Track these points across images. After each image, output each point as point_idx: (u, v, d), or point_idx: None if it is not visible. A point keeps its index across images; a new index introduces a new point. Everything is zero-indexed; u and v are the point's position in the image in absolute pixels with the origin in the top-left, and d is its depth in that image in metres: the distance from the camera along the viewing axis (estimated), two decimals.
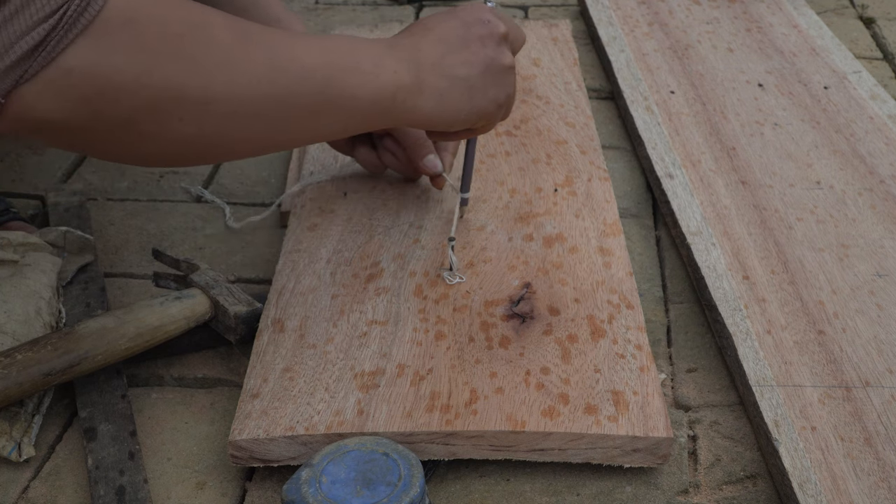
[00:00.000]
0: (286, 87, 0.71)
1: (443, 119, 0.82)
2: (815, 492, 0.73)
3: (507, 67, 0.83)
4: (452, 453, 0.76)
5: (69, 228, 0.98)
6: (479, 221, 0.99)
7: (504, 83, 0.84)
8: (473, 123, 0.85)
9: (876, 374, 0.84)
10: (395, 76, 0.77)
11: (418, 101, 0.79)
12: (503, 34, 0.83)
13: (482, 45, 0.82)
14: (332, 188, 1.05)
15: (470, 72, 0.81)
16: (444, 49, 0.81)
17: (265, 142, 0.75)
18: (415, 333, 0.85)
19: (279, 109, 0.72)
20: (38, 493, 0.77)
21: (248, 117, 0.70)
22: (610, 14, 1.57)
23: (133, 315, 0.82)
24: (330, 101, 0.74)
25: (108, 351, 0.81)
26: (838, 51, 1.43)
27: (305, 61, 0.73)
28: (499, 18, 0.84)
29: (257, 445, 0.75)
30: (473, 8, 0.84)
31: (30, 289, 0.87)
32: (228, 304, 0.86)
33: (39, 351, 0.77)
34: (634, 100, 1.29)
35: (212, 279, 0.88)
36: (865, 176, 1.12)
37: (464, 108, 0.82)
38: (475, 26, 0.82)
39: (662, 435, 0.75)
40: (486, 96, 0.83)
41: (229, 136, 0.71)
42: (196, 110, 0.67)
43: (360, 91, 0.75)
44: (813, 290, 0.94)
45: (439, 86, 0.80)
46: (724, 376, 0.90)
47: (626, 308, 0.88)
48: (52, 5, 0.59)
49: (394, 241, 0.97)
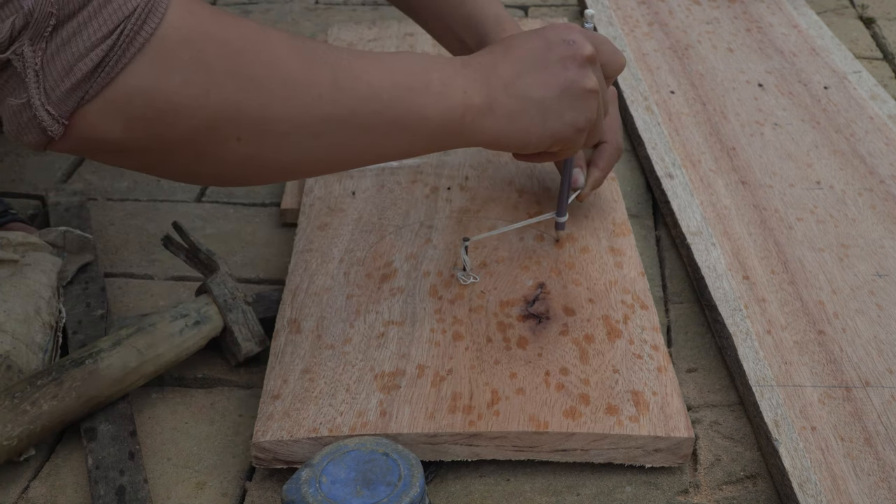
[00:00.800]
0: (349, 108, 0.69)
1: (512, 140, 0.79)
2: (815, 492, 0.73)
3: (588, 91, 0.80)
4: (475, 454, 0.77)
5: (68, 228, 0.98)
6: (489, 222, 1.00)
7: (584, 107, 0.80)
8: (548, 146, 0.82)
9: (876, 374, 0.84)
10: (464, 96, 0.75)
11: (487, 122, 0.77)
12: (587, 56, 0.79)
13: (562, 66, 0.79)
14: (340, 187, 1.05)
15: (545, 94, 0.78)
16: (521, 68, 0.78)
17: (327, 162, 0.73)
18: (432, 334, 0.85)
19: (341, 130, 0.70)
20: (38, 493, 0.77)
21: (309, 138, 0.68)
22: (610, 14, 1.57)
23: (154, 351, 0.82)
24: (395, 122, 0.72)
25: (125, 390, 0.82)
26: (838, 51, 1.43)
27: (371, 81, 0.70)
28: (587, 39, 0.81)
29: (281, 447, 0.75)
30: (561, 27, 0.81)
31: (29, 288, 0.87)
32: (241, 339, 0.86)
33: (64, 399, 0.77)
34: (634, 100, 1.29)
35: (230, 295, 0.87)
36: (865, 176, 1.12)
37: (535, 130, 0.79)
38: (558, 47, 0.79)
39: (684, 435, 0.76)
40: (562, 119, 0.79)
41: (289, 156, 0.69)
42: (255, 130, 0.65)
43: (427, 111, 0.73)
44: (813, 290, 0.94)
45: (511, 107, 0.78)
46: (724, 376, 0.90)
47: (641, 308, 0.89)
48: (109, 25, 0.58)
49: (405, 240, 0.97)
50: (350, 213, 1.01)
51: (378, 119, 0.71)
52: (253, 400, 0.86)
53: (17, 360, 0.81)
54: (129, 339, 0.82)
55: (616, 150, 0.98)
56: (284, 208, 1.09)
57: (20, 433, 0.75)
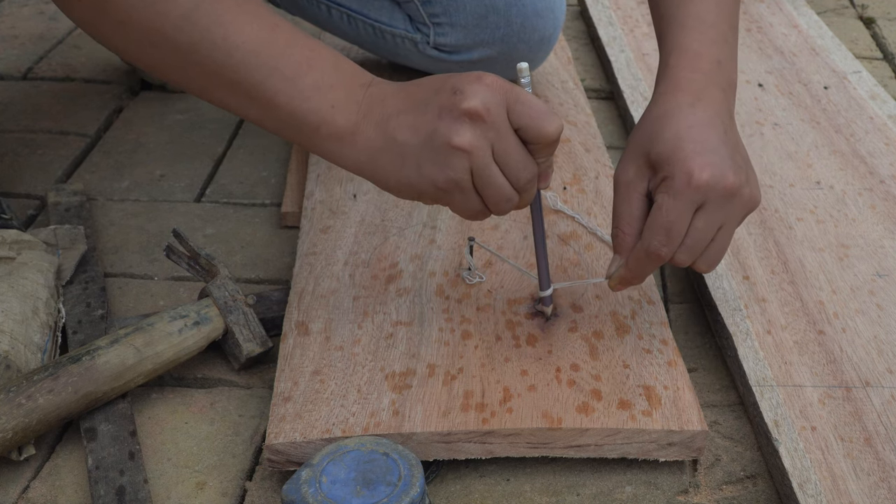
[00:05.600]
0: (190, 42, 0.71)
1: (373, 178, 0.75)
2: (815, 492, 0.73)
3: (452, 147, 0.70)
4: (489, 451, 0.77)
5: (58, 225, 0.98)
6: (492, 220, 1.00)
7: (445, 164, 0.71)
8: (411, 196, 0.75)
9: (876, 374, 0.84)
10: (329, 111, 0.73)
11: (346, 149, 0.74)
12: (466, 110, 0.70)
13: (437, 115, 0.71)
14: (341, 190, 1.05)
15: (409, 139, 0.72)
16: (403, 108, 0.73)
17: (162, 73, 0.75)
18: (441, 333, 0.85)
19: (176, 56, 0.72)
20: (38, 493, 0.77)
21: (143, 41, 0.72)
22: (610, 14, 1.57)
23: (152, 349, 0.82)
24: (238, 84, 0.72)
25: (124, 388, 0.82)
26: (838, 51, 1.43)
27: (232, 36, 0.71)
28: (486, 95, 0.70)
29: (294, 448, 0.75)
30: (471, 77, 0.72)
31: (26, 290, 0.87)
32: (242, 340, 0.86)
33: (60, 393, 0.77)
34: (634, 100, 1.29)
35: (230, 297, 0.87)
36: (865, 176, 1.12)
37: (392, 174, 0.74)
38: (443, 94, 0.71)
39: (697, 428, 0.76)
40: (420, 171, 0.72)
41: (122, 44, 0.74)
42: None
43: (279, 99, 0.73)
44: (813, 290, 0.94)
45: (374, 142, 0.73)
46: (724, 376, 0.90)
47: (647, 303, 0.89)
48: None
49: (409, 241, 0.97)
50: (352, 215, 1.01)
51: (219, 68, 0.72)
52: (253, 400, 0.86)
53: (16, 360, 0.81)
54: (128, 338, 0.82)
55: (650, 253, 0.78)
56: (285, 211, 1.09)
57: (15, 426, 0.75)
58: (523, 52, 1.18)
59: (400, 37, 1.22)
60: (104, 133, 1.30)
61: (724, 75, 0.82)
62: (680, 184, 0.75)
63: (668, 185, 0.76)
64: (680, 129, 0.77)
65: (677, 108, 0.78)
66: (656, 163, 0.77)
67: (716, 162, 0.75)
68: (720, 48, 0.82)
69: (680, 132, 0.77)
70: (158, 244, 1.06)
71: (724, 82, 0.82)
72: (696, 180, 0.74)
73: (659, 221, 0.76)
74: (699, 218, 0.76)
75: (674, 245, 0.76)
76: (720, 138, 0.77)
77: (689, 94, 0.79)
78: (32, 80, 1.44)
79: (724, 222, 0.78)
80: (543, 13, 1.17)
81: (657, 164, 0.77)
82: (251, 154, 1.25)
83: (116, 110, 1.36)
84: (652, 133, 0.78)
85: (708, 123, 0.78)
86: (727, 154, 0.77)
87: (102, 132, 1.30)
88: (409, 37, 1.21)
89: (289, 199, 1.11)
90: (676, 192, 0.75)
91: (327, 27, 1.26)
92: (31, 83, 1.43)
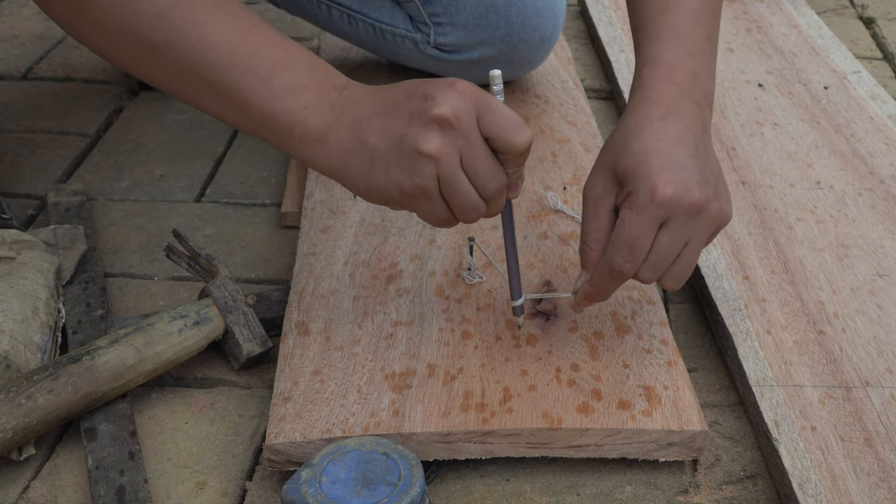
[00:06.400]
0: (165, 39, 0.71)
1: (344, 180, 0.75)
2: (815, 492, 0.73)
3: (420, 153, 0.70)
4: (489, 451, 0.77)
5: (58, 225, 0.98)
6: (492, 220, 1.00)
7: (412, 170, 0.71)
8: (379, 201, 0.75)
9: (876, 374, 0.84)
10: (302, 112, 0.73)
11: (319, 150, 0.74)
12: (436, 116, 0.69)
13: (407, 120, 0.71)
14: (341, 190, 1.05)
15: (378, 142, 0.72)
16: (375, 111, 0.73)
17: (136, 71, 0.76)
18: (441, 333, 0.85)
19: (152, 54, 0.72)
20: (38, 493, 0.77)
21: (119, 38, 0.72)
22: (610, 14, 1.57)
23: (152, 349, 0.82)
24: (212, 84, 0.73)
25: (124, 388, 0.82)
26: (838, 51, 1.43)
27: (208, 36, 0.71)
28: (456, 102, 0.69)
29: (294, 448, 0.75)
30: (443, 83, 0.71)
31: (26, 290, 0.87)
32: (242, 340, 0.86)
33: (60, 393, 0.77)
34: None
35: (230, 297, 0.87)
36: (865, 176, 1.12)
37: (362, 177, 0.73)
38: (414, 100, 0.71)
39: (697, 428, 0.76)
40: (387, 175, 0.72)
41: (97, 41, 0.74)
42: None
43: (252, 99, 0.73)
44: (813, 290, 0.94)
45: (345, 144, 0.73)
46: (724, 376, 0.90)
47: (647, 304, 0.89)
48: None
49: (409, 241, 0.97)
50: (352, 215, 1.01)
51: (194, 68, 0.72)
52: (253, 400, 0.86)
53: (16, 360, 0.81)
54: (128, 338, 0.82)
55: (613, 269, 0.76)
56: (285, 211, 1.09)
57: (15, 426, 0.75)
58: (523, 51, 1.18)
59: (400, 36, 1.22)
60: (104, 133, 1.30)
61: (699, 88, 0.80)
62: (644, 199, 0.73)
63: (632, 201, 0.74)
64: (648, 143, 0.75)
65: (647, 121, 0.77)
66: (622, 177, 0.76)
67: (681, 177, 0.73)
68: (696, 60, 0.81)
69: (648, 146, 0.75)
70: (158, 244, 1.06)
71: (699, 95, 0.80)
72: (659, 196, 0.73)
73: (622, 237, 0.74)
74: (663, 234, 0.74)
75: (637, 261, 0.75)
76: (688, 153, 0.75)
77: (661, 106, 0.78)
78: (32, 80, 1.44)
79: (690, 238, 0.75)
80: (543, 13, 1.17)
81: (623, 179, 0.76)
82: (251, 154, 1.25)
83: (116, 110, 1.36)
84: (620, 146, 0.77)
85: (678, 137, 0.76)
86: (695, 169, 0.75)
87: (102, 132, 1.30)
88: (409, 36, 1.21)
89: (289, 199, 1.11)
90: (640, 208, 0.73)
91: (327, 27, 1.26)
92: (31, 83, 1.43)
